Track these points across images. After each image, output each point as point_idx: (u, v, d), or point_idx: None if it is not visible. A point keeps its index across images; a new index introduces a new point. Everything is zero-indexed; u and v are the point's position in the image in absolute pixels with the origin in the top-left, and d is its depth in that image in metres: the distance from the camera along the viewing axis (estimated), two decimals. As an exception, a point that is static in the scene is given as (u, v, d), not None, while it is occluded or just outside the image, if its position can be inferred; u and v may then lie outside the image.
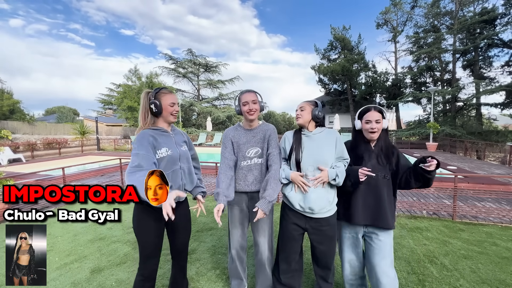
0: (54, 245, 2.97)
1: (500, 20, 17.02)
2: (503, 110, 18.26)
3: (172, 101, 1.61)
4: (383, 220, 1.59)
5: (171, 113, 1.62)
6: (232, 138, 1.84)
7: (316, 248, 1.72)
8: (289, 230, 1.75)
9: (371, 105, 1.67)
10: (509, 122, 29.81)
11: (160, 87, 1.61)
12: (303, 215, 1.69)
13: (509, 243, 2.95)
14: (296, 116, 1.75)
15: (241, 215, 1.87)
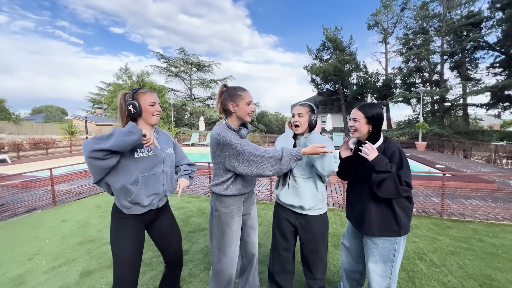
0: (41, 249, 2.89)
1: (486, 23, 17.60)
2: (488, 110, 18.90)
3: (153, 101, 1.46)
4: (363, 225, 1.49)
5: (153, 113, 1.47)
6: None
7: (305, 246, 1.73)
8: (281, 228, 1.77)
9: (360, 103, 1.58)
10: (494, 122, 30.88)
11: (138, 87, 1.51)
12: (293, 212, 1.71)
13: (494, 239, 3.05)
14: (294, 123, 1.69)
15: (240, 225, 1.63)
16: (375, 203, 1.46)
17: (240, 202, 1.62)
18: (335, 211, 4.08)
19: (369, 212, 1.47)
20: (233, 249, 1.58)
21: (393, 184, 1.34)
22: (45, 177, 5.28)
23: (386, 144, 1.48)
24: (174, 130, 19.22)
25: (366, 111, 1.49)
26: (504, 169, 8.76)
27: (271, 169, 1.40)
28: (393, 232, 1.43)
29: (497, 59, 17.70)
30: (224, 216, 1.56)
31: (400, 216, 1.42)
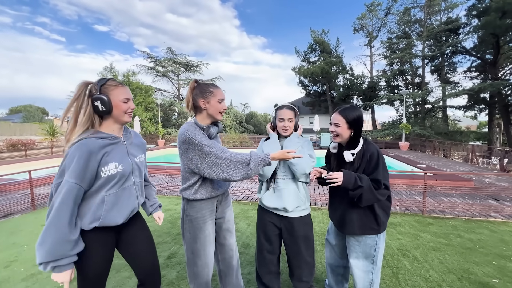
0: (19, 255, 2.75)
1: (463, 29, 18.54)
2: (466, 112, 19.91)
3: (126, 97, 1.22)
4: (345, 226, 1.55)
5: (125, 111, 1.23)
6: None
7: (289, 248, 1.72)
8: (265, 231, 1.76)
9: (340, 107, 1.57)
10: (471, 123, 32.51)
11: (105, 78, 1.20)
12: (277, 215, 1.71)
13: (472, 235, 3.21)
14: (283, 127, 1.68)
15: (214, 228, 1.57)
16: (355, 206, 1.49)
17: (212, 205, 1.54)
18: (322, 210, 4.15)
19: (350, 213, 1.52)
20: (207, 252, 1.53)
21: (370, 195, 1.39)
22: (23, 180, 5.03)
23: (365, 146, 1.50)
24: (161, 130, 18.85)
25: (347, 115, 1.48)
26: (480, 168, 9.24)
27: (238, 174, 1.32)
28: (373, 230, 1.49)
29: (474, 63, 18.71)
30: (196, 221, 1.49)
31: (380, 216, 1.48)
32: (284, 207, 1.65)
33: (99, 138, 1.16)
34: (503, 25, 13.64)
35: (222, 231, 1.66)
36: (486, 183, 6.11)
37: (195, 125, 1.45)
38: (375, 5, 23.64)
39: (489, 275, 2.33)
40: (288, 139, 1.70)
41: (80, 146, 1.09)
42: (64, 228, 1.08)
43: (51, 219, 1.07)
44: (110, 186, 1.18)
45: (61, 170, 1.10)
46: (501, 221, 3.69)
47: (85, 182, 1.10)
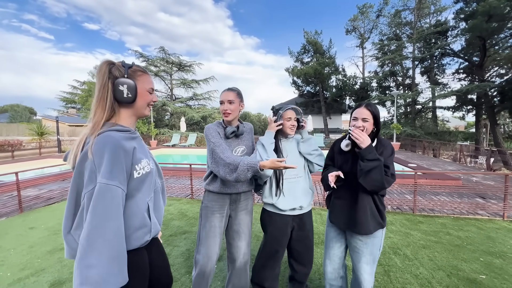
0: (5, 259, 2.66)
1: (451, 32, 19.03)
2: (454, 112, 20.43)
3: (152, 86, 1.07)
4: (358, 226, 1.49)
5: (149, 103, 1.06)
6: (219, 132, 1.65)
7: (300, 243, 1.80)
8: (278, 237, 1.75)
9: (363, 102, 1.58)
10: (459, 123, 33.35)
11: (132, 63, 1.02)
12: (290, 215, 1.74)
13: (460, 232, 3.29)
14: (290, 126, 1.73)
15: (221, 223, 1.67)
16: (364, 203, 1.48)
17: (222, 201, 1.67)
18: (315, 210, 4.18)
19: (361, 212, 1.48)
20: (209, 243, 1.62)
21: (379, 174, 1.35)
22: (10, 182, 4.88)
23: (380, 141, 1.53)
24: (154, 131, 18.63)
25: (373, 110, 1.47)
26: (468, 167, 9.49)
27: (230, 175, 1.46)
28: (380, 225, 1.51)
29: (461, 65, 19.21)
30: (205, 210, 1.68)
31: (382, 210, 1.52)
32: (300, 206, 1.72)
33: (119, 131, 0.94)
34: (489, 28, 14.06)
35: (232, 231, 1.74)
36: (474, 182, 6.28)
37: (220, 123, 1.71)
38: (367, 7, 24.01)
39: (476, 271, 2.39)
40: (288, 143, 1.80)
41: (106, 139, 0.86)
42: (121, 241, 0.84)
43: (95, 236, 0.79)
44: (147, 188, 0.99)
45: (90, 174, 0.84)
46: (487, 219, 3.80)
47: (123, 183, 0.88)
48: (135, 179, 0.94)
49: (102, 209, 0.81)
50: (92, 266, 0.77)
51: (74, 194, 0.89)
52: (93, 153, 0.84)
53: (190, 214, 4.00)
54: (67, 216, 0.90)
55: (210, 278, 1.66)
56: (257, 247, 2.84)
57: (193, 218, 3.84)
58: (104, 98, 0.94)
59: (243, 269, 1.75)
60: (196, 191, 5.18)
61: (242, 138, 1.74)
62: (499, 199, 4.54)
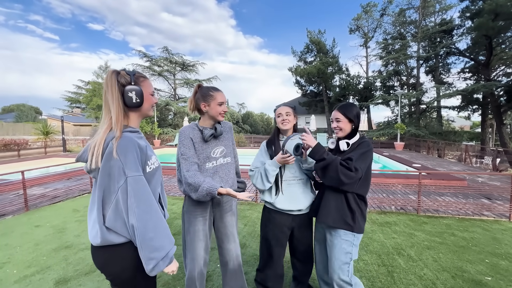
0: (11, 257, 2.70)
1: (457, 30, 18.78)
2: (459, 112, 20.18)
3: (153, 90, 1.18)
4: (319, 213, 1.57)
5: (152, 105, 1.19)
6: (193, 138, 1.57)
7: (301, 243, 1.80)
8: (277, 235, 1.76)
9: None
10: (464, 123, 32.95)
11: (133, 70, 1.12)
12: (289, 215, 1.74)
13: (465, 233, 3.25)
14: (282, 121, 1.73)
15: (205, 226, 1.63)
16: (330, 194, 1.55)
17: (204, 204, 1.62)
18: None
19: (327, 201, 1.55)
20: (194, 247, 1.60)
21: (333, 171, 1.41)
22: (16, 180, 4.94)
23: (361, 140, 1.58)
24: (157, 130, 18.73)
25: (344, 111, 1.57)
26: (474, 167, 9.38)
27: (191, 194, 1.48)
28: (347, 225, 1.49)
29: (467, 64, 18.95)
30: (187, 214, 1.63)
31: (356, 212, 1.50)
32: (299, 209, 1.71)
33: (132, 132, 1.07)
34: (495, 27, 13.85)
35: (221, 234, 1.71)
36: (479, 182, 6.21)
37: (195, 126, 1.60)
38: (370, 6, 23.80)
39: (482, 273, 2.36)
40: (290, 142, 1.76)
41: (127, 140, 1.00)
42: (160, 214, 1.03)
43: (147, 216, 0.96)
44: (156, 182, 1.12)
45: (118, 171, 0.96)
46: (493, 220, 3.75)
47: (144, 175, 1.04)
48: (147, 173, 1.07)
49: (143, 195, 0.98)
50: (152, 239, 0.97)
51: (101, 190, 1.00)
52: (118, 153, 0.96)
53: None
54: (98, 211, 1.01)
55: (201, 282, 1.64)
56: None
57: (196, 217, 3.85)
58: (116, 104, 1.04)
59: (238, 271, 1.73)
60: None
61: (221, 138, 1.67)
62: (505, 200, 4.48)
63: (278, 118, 1.75)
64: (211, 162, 1.60)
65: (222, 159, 1.65)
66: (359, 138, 1.58)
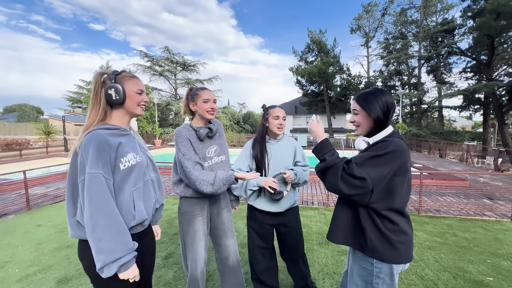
0: (13, 256, 2.72)
1: (458, 30, 18.71)
2: (461, 112, 20.10)
3: (140, 88, 1.18)
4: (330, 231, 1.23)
5: (139, 103, 1.18)
6: (190, 138, 1.56)
7: (285, 241, 1.81)
8: (259, 229, 1.79)
9: None
10: (466, 123, 32.84)
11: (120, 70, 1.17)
12: (271, 213, 1.75)
13: (467, 234, 3.24)
14: (278, 125, 1.71)
15: (204, 225, 1.65)
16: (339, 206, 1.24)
17: (202, 204, 1.63)
18: (319, 210, 4.16)
19: (335, 214, 1.25)
20: (196, 247, 1.60)
21: (332, 174, 1.09)
22: (18, 180, 4.97)
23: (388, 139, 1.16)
24: (158, 130, 18.76)
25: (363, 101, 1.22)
26: (475, 167, 9.35)
27: (205, 190, 1.46)
28: (359, 245, 1.15)
29: (469, 64, 18.87)
30: (185, 216, 1.62)
31: (370, 235, 1.11)
32: (278, 211, 1.72)
33: (107, 129, 1.08)
34: (497, 26, 13.78)
35: (218, 231, 1.71)
36: (481, 183, 6.18)
37: (189, 126, 1.58)
38: (372, 6, 23.75)
39: (483, 273, 2.36)
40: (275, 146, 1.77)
41: (92, 136, 1.01)
42: (117, 216, 1.00)
43: (96, 215, 0.96)
44: (134, 179, 1.11)
45: (80, 167, 0.99)
46: (495, 220, 3.74)
47: (108, 173, 1.02)
48: (121, 171, 1.07)
49: (95, 193, 0.97)
50: (100, 239, 0.96)
51: (70, 184, 1.04)
52: (81, 149, 1.00)
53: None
54: (68, 203, 1.06)
55: (203, 281, 1.65)
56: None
57: (197, 217, 3.86)
58: (97, 103, 1.10)
59: (236, 268, 1.74)
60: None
61: (214, 137, 1.67)
62: (507, 200, 4.46)
63: (275, 120, 1.71)
64: (206, 161, 1.60)
65: (217, 158, 1.65)
66: (385, 136, 1.16)
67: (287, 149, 1.78)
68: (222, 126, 1.79)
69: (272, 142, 1.77)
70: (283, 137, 1.81)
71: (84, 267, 1.08)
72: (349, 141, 16.23)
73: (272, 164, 1.72)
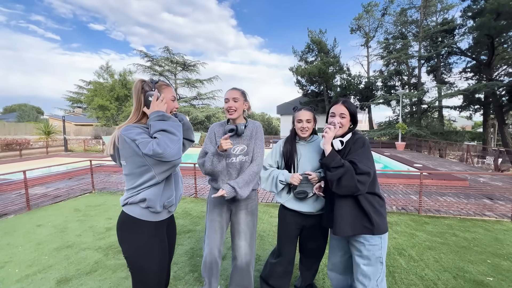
0: (13, 256, 2.72)
1: (458, 30, 18.70)
2: (461, 112, 20.09)
3: (173, 95, 1.34)
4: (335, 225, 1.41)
5: (172, 109, 1.34)
6: (216, 133, 1.75)
7: (311, 243, 1.80)
8: (289, 232, 1.78)
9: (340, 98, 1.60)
10: (466, 123, 32.82)
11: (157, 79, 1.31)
12: (299, 214, 1.74)
13: (467, 234, 3.24)
14: (301, 128, 1.69)
15: (221, 218, 1.76)
16: (341, 200, 1.41)
17: (221, 198, 1.66)
18: (319, 210, 4.16)
19: (341, 210, 1.40)
20: (208, 234, 1.76)
21: (350, 180, 1.28)
22: (18, 180, 4.97)
23: (353, 136, 1.49)
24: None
25: (350, 106, 1.50)
26: (475, 167, 9.35)
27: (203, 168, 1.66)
28: (367, 229, 1.37)
29: (469, 64, 18.85)
30: (209, 203, 1.80)
31: (370, 213, 1.37)
32: (310, 212, 1.70)
33: (140, 127, 1.21)
34: (497, 26, 13.77)
35: (234, 230, 1.79)
36: (481, 183, 6.18)
37: (225, 122, 1.80)
38: (372, 6, 23.72)
39: (483, 273, 2.35)
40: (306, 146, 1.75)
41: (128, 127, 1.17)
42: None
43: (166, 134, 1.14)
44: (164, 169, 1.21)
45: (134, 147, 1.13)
46: (495, 220, 3.74)
47: None
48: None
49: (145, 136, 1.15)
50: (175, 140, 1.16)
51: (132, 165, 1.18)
52: (122, 133, 1.16)
53: (194, 213, 4.02)
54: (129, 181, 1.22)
55: (213, 270, 1.75)
56: (260, 248, 2.85)
57: (197, 217, 3.86)
58: (138, 107, 1.25)
59: (245, 269, 1.75)
60: (200, 190, 5.20)
61: (244, 137, 1.71)
62: (507, 201, 4.46)
63: (298, 124, 1.70)
64: (230, 158, 1.70)
65: (242, 157, 1.71)
66: (351, 135, 1.49)
67: (317, 150, 1.72)
68: (259, 128, 1.78)
69: (302, 143, 1.76)
70: (315, 139, 1.77)
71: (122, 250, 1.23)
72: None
73: (302, 164, 1.71)
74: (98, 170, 6.62)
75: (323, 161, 1.38)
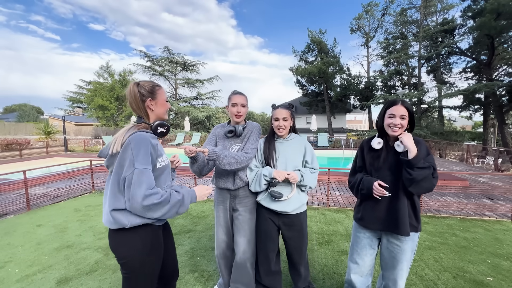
0: (13, 256, 2.72)
1: (458, 30, 18.69)
2: (461, 112, 20.07)
3: (166, 96, 1.35)
4: (400, 227, 1.39)
5: (167, 110, 1.35)
6: (217, 134, 1.87)
7: (289, 244, 1.80)
8: (265, 227, 1.78)
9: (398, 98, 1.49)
10: (466, 123, 32.83)
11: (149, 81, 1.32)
12: (276, 212, 1.74)
13: (467, 234, 3.24)
14: (277, 127, 1.71)
15: (225, 214, 1.86)
16: (404, 201, 1.40)
17: (224, 195, 1.85)
18: (319, 210, 4.16)
19: (403, 210, 1.39)
20: (217, 231, 1.92)
21: (431, 180, 1.31)
22: (18, 180, 4.97)
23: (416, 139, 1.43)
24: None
25: (409, 108, 1.43)
26: (475, 167, 9.34)
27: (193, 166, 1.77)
28: (414, 228, 1.42)
29: (469, 64, 18.84)
30: (215, 201, 1.94)
31: (418, 211, 1.43)
32: (285, 211, 1.69)
33: (148, 132, 1.20)
34: (498, 26, 13.77)
35: (234, 226, 1.85)
36: (481, 183, 6.18)
37: (226, 124, 1.91)
38: (372, 6, 23.73)
39: (483, 273, 2.36)
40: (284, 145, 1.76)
41: (141, 137, 1.14)
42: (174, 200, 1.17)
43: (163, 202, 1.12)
44: (164, 178, 1.25)
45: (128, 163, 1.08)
46: (495, 220, 3.74)
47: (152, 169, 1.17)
48: (157, 169, 1.20)
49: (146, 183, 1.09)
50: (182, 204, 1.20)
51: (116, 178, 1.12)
52: (132, 147, 1.10)
53: (194, 213, 4.02)
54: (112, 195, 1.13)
55: (223, 261, 1.91)
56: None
57: (197, 217, 3.86)
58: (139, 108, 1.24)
59: (243, 266, 1.79)
60: (200, 190, 5.18)
61: (243, 137, 1.81)
62: (507, 201, 4.46)
63: (275, 122, 1.73)
64: None
65: None
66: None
67: (296, 148, 1.75)
68: (257, 129, 1.84)
69: (280, 141, 1.78)
70: (292, 137, 1.78)
71: (117, 256, 1.19)
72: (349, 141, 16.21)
73: (280, 162, 1.72)
74: (98, 170, 6.62)
75: (410, 160, 1.30)
